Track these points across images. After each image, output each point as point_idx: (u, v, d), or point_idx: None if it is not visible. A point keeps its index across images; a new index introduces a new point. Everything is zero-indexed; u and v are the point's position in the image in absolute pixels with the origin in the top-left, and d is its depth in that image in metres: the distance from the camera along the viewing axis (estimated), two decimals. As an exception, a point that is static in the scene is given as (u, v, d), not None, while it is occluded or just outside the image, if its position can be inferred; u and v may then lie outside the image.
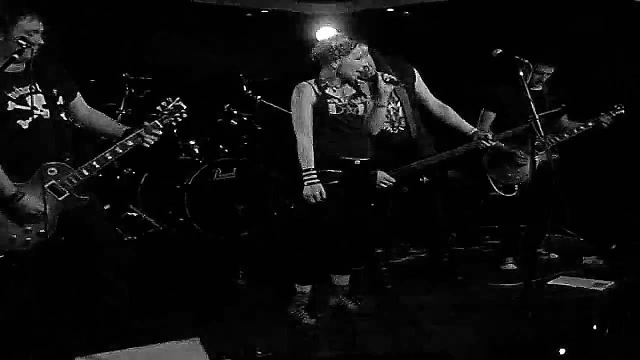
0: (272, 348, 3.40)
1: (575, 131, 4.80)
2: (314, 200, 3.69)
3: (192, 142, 5.94)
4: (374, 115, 3.90)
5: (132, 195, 5.83)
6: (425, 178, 4.36)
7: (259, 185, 5.94)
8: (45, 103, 3.15)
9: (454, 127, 4.44)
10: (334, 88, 3.84)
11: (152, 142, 3.26)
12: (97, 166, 3.18)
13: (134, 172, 5.78)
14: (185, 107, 3.31)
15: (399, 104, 4.39)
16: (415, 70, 4.50)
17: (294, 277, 3.95)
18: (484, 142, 4.29)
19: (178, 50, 6.09)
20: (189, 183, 5.67)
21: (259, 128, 6.15)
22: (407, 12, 6.35)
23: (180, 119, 3.32)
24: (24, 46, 3.00)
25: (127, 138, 3.22)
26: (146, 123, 3.24)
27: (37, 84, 3.14)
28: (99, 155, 3.19)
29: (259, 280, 4.57)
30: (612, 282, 4.31)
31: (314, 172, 3.70)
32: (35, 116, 3.09)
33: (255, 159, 6.03)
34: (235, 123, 6.09)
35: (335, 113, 3.79)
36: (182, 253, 5.45)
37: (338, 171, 3.78)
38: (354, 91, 3.90)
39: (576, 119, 4.93)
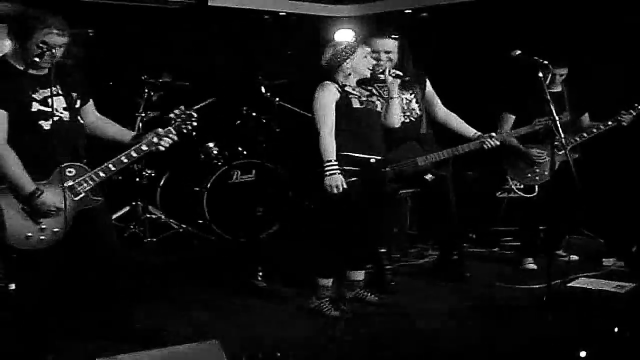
0: (292, 349, 3.41)
1: (595, 131, 4.77)
2: (335, 191, 3.75)
3: (211, 145, 5.97)
4: (389, 108, 4.02)
5: (152, 197, 5.88)
6: (430, 176, 4.35)
7: (277, 187, 5.97)
8: (65, 105, 3.21)
9: (458, 133, 4.48)
10: (352, 88, 3.93)
11: (167, 146, 3.33)
12: (113, 168, 3.25)
13: (153, 174, 5.82)
14: (196, 115, 3.40)
15: (413, 96, 4.43)
16: (427, 78, 4.58)
17: (316, 271, 4.01)
18: (489, 140, 4.29)
19: (197, 53, 6.13)
20: (208, 185, 5.71)
21: (277, 130, 6.17)
22: (425, 14, 6.34)
23: (190, 127, 3.40)
24: (45, 50, 3.04)
25: (141, 143, 3.30)
26: (159, 130, 3.32)
27: (58, 87, 3.20)
28: (114, 158, 3.26)
29: (278, 282, 4.57)
30: (633, 284, 4.27)
31: (335, 163, 3.77)
32: (55, 118, 3.14)
33: (274, 161, 6.05)
34: (254, 125, 6.12)
35: (359, 106, 3.88)
36: (201, 254, 5.48)
37: (355, 169, 3.84)
38: (367, 92, 4.00)
39: (597, 119, 4.89)
